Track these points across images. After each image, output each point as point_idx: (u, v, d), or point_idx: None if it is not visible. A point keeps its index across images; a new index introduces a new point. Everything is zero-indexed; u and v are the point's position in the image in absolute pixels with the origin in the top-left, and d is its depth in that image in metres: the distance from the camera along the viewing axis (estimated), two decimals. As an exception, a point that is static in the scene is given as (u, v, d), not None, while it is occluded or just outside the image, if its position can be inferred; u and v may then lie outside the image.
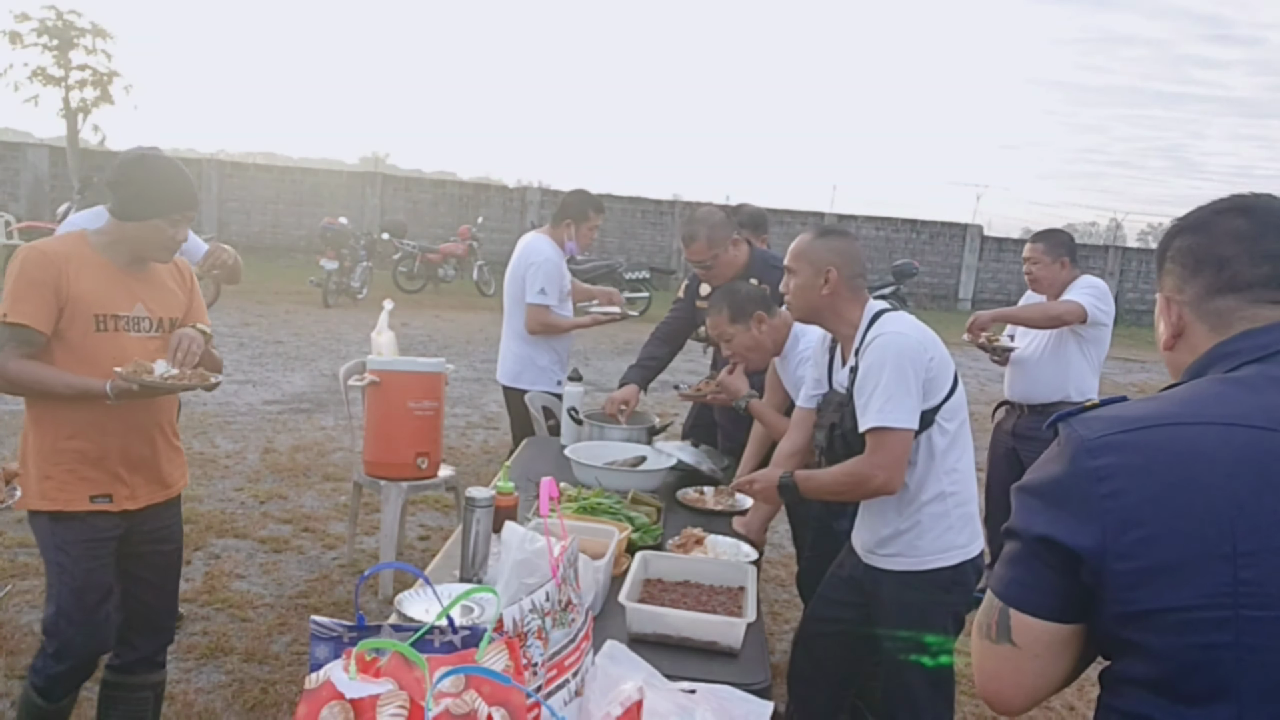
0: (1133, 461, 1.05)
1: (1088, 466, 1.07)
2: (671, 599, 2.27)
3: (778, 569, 4.86)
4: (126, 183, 2.40)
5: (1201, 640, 1.00)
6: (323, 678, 1.25)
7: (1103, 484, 1.06)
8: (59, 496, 2.42)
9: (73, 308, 2.36)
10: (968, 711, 3.57)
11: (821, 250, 2.50)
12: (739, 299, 3.15)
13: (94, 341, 2.39)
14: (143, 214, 2.41)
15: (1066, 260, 4.19)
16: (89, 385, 2.35)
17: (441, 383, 4.14)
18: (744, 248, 3.68)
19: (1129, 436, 1.07)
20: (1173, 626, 1.01)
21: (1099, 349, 4.17)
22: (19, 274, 2.33)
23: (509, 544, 1.70)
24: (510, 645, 1.38)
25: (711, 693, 1.72)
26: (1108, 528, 1.05)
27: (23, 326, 2.31)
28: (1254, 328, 1.15)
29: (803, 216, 19.92)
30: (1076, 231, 68.50)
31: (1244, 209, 1.21)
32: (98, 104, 19.33)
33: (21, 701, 2.58)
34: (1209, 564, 0.99)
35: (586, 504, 2.86)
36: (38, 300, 2.32)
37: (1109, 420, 1.11)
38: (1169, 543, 1.01)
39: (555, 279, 4.33)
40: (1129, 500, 1.04)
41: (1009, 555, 1.17)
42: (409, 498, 4.39)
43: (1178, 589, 1.01)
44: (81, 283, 2.37)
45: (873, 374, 2.32)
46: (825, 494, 2.54)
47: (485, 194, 20.30)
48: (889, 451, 2.31)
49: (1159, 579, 1.02)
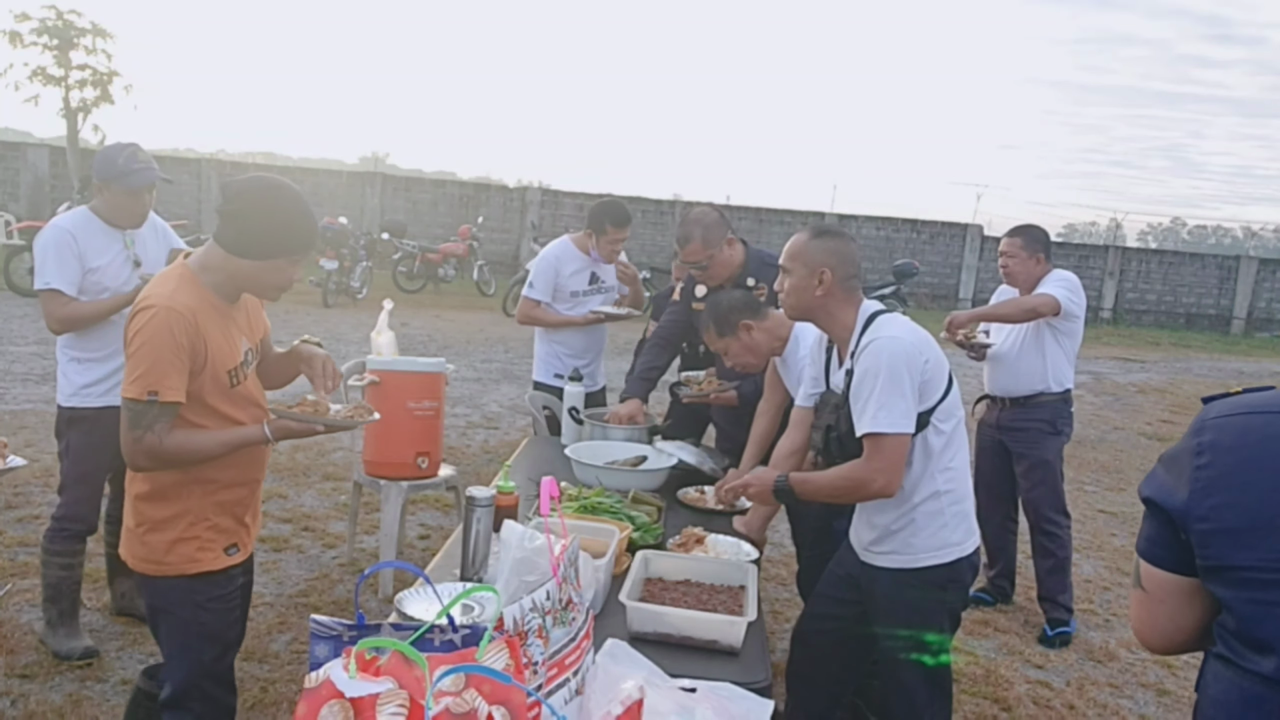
0: (1224, 440, 1.24)
1: (1192, 442, 1.27)
2: (672, 598, 2.27)
3: (778, 568, 4.86)
4: (248, 215, 2.14)
5: (1262, 596, 1.17)
6: (322, 676, 1.24)
7: (1199, 457, 1.25)
8: (203, 557, 2.25)
9: (211, 368, 2.17)
10: (967, 710, 3.57)
11: (816, 251, 2.49)
12: (721, 312, 3.15)
13: (229, 397, 2.23)
14: (266, 253, 2.16)
15: (1041, 256, 4.32)
16: (246, 436, 2.20)
17: (442, 383, 4.14)
18: (739, 247, 3.66)
19: (1229, 420, 1.25)
20: (1238, 582, 1.19)
21: (1073, 340, 4.30)
22: (164, 342, 2.08)
23: (508, 542, 1.70)
24: (511, 644, 1.37)
25: (712, 691, 1.72)
26: (1194, 493, 1.23)
27: (175, 404, 2.11)
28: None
29: (803, 216, 19.91)
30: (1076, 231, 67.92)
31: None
32: (98, 104, 19.30)
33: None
34: (1272, 532, 1.16)
35: (587, 503, 2.86)
36: (182, 370, 2.11)
37: (1227, 404, 1.28)
38: (1241, 510, 1.19)
39: (545, 275, 4.40)
40: (1214, 472, 1.22)
41: (1145, 515, 1.36)
42: (409, 497, 4.39)
43: (1243, 550, 1.18)
44: (212, 338, 2.17)
45: (868, 379, 2.33)
46: (823, 497, 2.54)
47: (485, 194, 20.28)
48: (886, 456, 2.32)
49: (1229, 539, 1.19)
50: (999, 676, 3.88)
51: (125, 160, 3.20)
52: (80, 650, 3.37)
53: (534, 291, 4.42)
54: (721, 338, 3.16)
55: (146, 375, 2.07)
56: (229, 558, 2.30)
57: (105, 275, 3.22)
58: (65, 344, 3.30)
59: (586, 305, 4.45)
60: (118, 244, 3.27)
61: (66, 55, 19.01)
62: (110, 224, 3.27)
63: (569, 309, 4.44)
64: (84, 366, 3.26)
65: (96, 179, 3.24)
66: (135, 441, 2.09)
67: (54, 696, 3.10)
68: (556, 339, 4.49)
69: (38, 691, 3.13)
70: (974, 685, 3.79)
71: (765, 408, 3.32)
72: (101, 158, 3.22)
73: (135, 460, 2.14)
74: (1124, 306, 20.15)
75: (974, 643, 4.21)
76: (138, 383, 2.07)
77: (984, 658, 4.06)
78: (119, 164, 3.19)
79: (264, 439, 2.20)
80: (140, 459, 2.12)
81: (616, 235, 4.31)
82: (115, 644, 3.49)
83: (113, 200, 3.24)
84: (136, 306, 2.14)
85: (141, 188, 3.24)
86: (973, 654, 4.07)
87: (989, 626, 4.40)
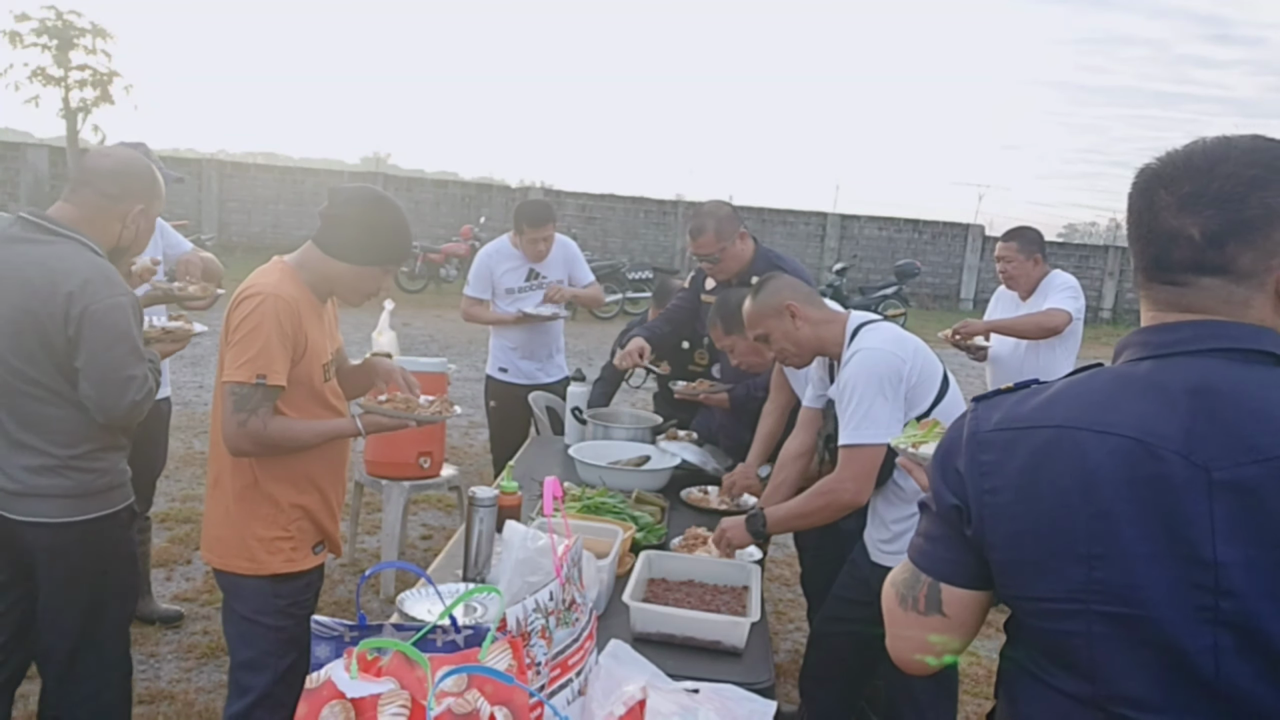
0: (1009, 463, 1.12)
1: (977, 459, 1.15)
2: (675, 598, 2.27)
3: (782, 568, 4.85)
4: (352, 222, 2.23)
5: (1060, 627, 1.09)
6: (323, 677, 1.24)
7: (985, 479, 1.13)
8: (296, 556, 2.26)
9: (308, 360, 2.22)
10: (969, 710, 3.56)
11: (767, 299, 2.57)
12: (729, 309, 3.14)
13: (319, 392, 2.28)
14: (365, 259, 2.25)
15: (1039, 257, 4.36)
16: (340, 428, 2.25)
17: (444, 383, 4.14)
18: (750, 243, 3.65)
19: (1014, 435, 1.13)
20: (1035, 613, 1.12)
21: (1074, 341, 4.34)
22: (272, 328, 2.12)
23: (511, 543, 1.69)
24: (514, 644, 1.37)
25: (715, 692, 1.71)
26: (986, 518, 1.13)
27: (280, 388, 2.15)
28: (1170, 322, 1.12)
29: (805, 216, 19.90)
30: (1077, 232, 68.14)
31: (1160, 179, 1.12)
32: (98, 104, 19.34)
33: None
34: (1066, 563, 1.07)
35: (590, 503, 2.85)
36: (286, 357, 2.15)
37: (1005, 415, 1.16)
38: (1033, 540, 1.09)
39: (479, 273, 4.54)
40: (1003, 499, 1.12)
41: (928, 528, 1.26)
42: (411, 497, 4.39)
43: (1040, 581, 1.10)
44: (311, 331, 2.22)
45: (846, 392, 2.39)
46: (798, 520, 2.55)
47: (487, 194, 20.28)
48: (857, 466, 2.37)
49: (1028, 570, 1.11)
50: (1002, 677, 3.87)
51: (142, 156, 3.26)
52: (161, 613, 3.68)
53: (470, 289, 4.59)
54: (729, 334, 3.15)
55: (256, 359, 2.11)
56: (317, 556, 2.33)
57: None
58: None
59: (525, 301, 4.52)
60: None
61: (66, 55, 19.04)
62: None
63: (508, 305, 4.51)
64: None
65: None
66: (240, 425, 2.11)
67: (54, 697, 3.09)
68: (500, 334, 4.61)
69: (38, 691, 3.11)
70: (977, 686, 3.78)
71: (770, 408, 3.31)
72: None
73: (239, 445, 2.15)
74: (1124, 306, 20.14)
75: (978, 643, 4.20)
76: (246, 366, 2.10)
77: (988, 658, 4.05)
78: None
79: (356, 431, 2.25)
80: (244, 443, 2.14)
81: (534, 234, 4.39)
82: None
83: None
84: (241, 294, 2.18)
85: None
86: (976, 655, 4.06)
87: (993, 627, 4.37)
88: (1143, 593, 1.03)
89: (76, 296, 2.13)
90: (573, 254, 4.64)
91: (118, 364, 2.17)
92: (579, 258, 4.67)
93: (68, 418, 2.22)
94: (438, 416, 2.33)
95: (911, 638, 1.24)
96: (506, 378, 4.59)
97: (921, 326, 14.05)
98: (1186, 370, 1.07)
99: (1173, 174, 1.10)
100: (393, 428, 2.28)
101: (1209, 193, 1.06)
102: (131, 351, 2.19)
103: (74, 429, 2.23)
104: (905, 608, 1.24)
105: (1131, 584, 1.03)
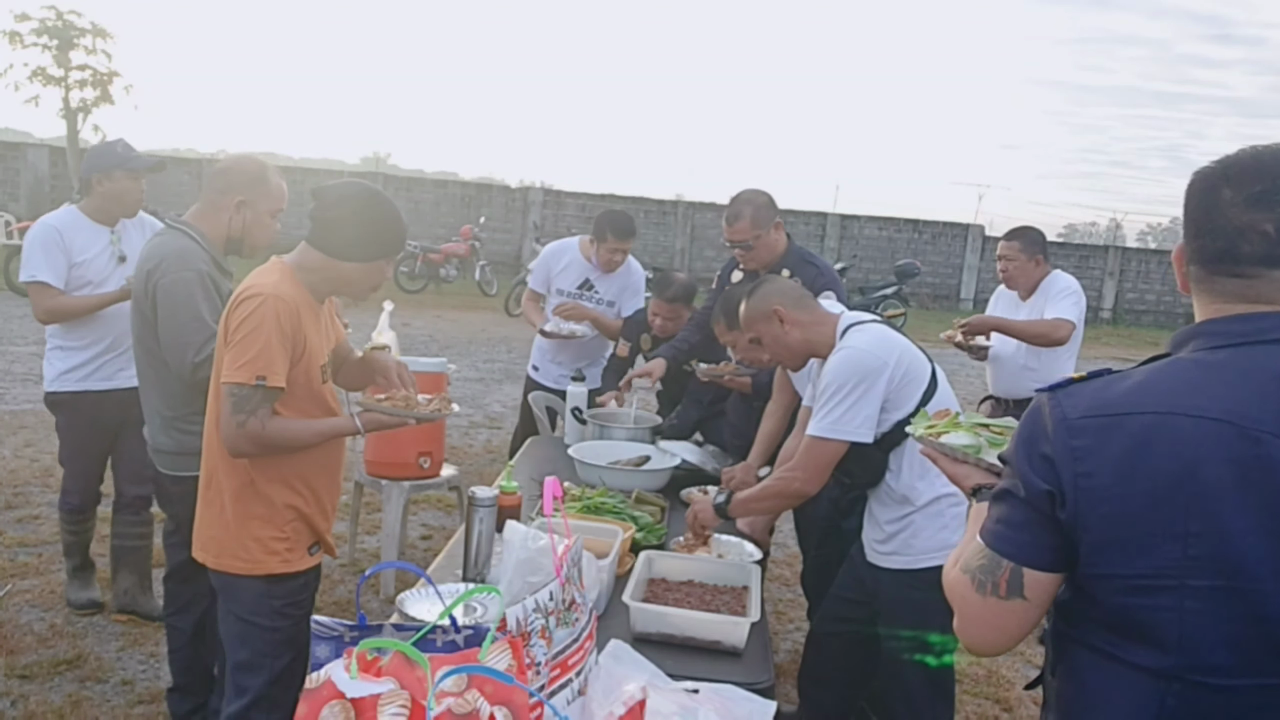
0: (1106, 448, 1.17)
1: (1069, 445, 1.18)
2: (675, 599, 2.27)
3: (782, 568, 4.85)
4: (353, 222, 2.23)
5: (1149, 602, 1.15)
6: (323, 677, 1.24)
7: (1079, 463, 1.17)
8: (292, 557, 2.26)
9: (306, 361, 2.21)
10: (969, 710, 3.56)
11: (757, 303, 2.59)
12: (732, 304, 3.14)
13: (316, 393, 2.26)
14: (369, 255, 2.25)
15: (1040, 257, 4.35)
16: (339, 426, 2.24)
17: (444, 383, 4.13)
18: (784, 236, 3.60)
19: (1107, 422, 1.18)
20: (1123, 589, 1.17)
21: (1074, 341, 4.33)
22: (271, 329, 2.11)
23: (511, 543, 1.70)
24: (514, 644, 1.37)
25: (715, 692, 1.71)
26: (1080, 501, 1.17)
27: (280, 390, 2.14)
28: (1243, 313, 1.20)
29: (806, 217, 19.88)
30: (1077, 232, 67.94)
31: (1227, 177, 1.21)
32: (98, 104, 19.34)
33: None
34: (1162, 541, 1.13)
35: (590, 503, 2.85)
36: (286, 358, 2.14)
37: (1093, 402, 1.20)
38: (1130, 520, 1.15)
39: (540, 266, 4.56)
40: (1098, 482, 1.16)
41: (1006, 514, 1.29)
42: (411, 497, 4.38)
43: (1130, 560, 1.15)
44: (310, 333, 2.22)
45: (822, 387, 2.43)
46: (754, 504, 2.61)
47: (487, 194, 20.28)
48: (813, 459, 2.43)
49: (1118, 551, 1.16)
50: (1000, 677, 3.87)
51: (123, 148, 3.40)
52: (85, 600, 3.69)
53: (532, 281, 4.64)
54: (732, 330, 3.14)
55: (255, 360, 2.10)
56: (312, 557, 2.33)
57: (89, 269, 3.40)
58: (52, 334, 3.50)
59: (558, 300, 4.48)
60: (103, 239, 3.45)
61: (66, 55, 19.05)
62: (97, 221, 3.43)
63: (556, 303, 4.47)
64: (65, 354, 3.47)
65: (95, 171, 3.37)
66: (239, 426, 2.11)
67: (54, 697, 3.10)
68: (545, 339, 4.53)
69: (38, 692, 3.12)
70: (976, 686, 3.78)
71: (773, 409, 3.31)
72: (98, 151, 3.44)
73: (238, 445, 2.14)
74: (1124, 306, 20.13)
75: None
76: (246, 368, 2.10)
77: (987, 659, 4.05)
78: (118, 151, 3.39)
79: (355, 429, 2.23)
80: (243, 444, 2.13)
81: (616, 245, 4.30)
82: (116, 644, 3.48)
83: (112, 188, 3.38)
84: (240, 295, 2.17)
85: (141, 170, 3.40)
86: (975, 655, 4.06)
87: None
88: (1243, 565, 1.10)
89: (153, 273, 2.56)
90: (635, 283, 4.51)
91: (179, 329, 2.53)
92: (640, 290, 4.53)
93: (169, 380, 2.63)
94: (437, 414, 2.32)
95: (989, 622, 1.26)
96: (536, 376, 4.62)
97: (921, 326, 14.04)
98: (1269, 358, 1.16)
99: (1239, 174, 1.19)
100: (392, 425, 2.27)
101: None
102: (193, 319, 2.53)
103: (175, 391, 2.63)
104: (984, 593, 1.25)
105: (1229, 557, 1.11)
